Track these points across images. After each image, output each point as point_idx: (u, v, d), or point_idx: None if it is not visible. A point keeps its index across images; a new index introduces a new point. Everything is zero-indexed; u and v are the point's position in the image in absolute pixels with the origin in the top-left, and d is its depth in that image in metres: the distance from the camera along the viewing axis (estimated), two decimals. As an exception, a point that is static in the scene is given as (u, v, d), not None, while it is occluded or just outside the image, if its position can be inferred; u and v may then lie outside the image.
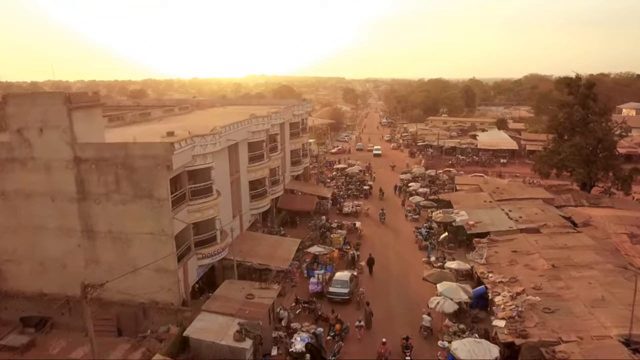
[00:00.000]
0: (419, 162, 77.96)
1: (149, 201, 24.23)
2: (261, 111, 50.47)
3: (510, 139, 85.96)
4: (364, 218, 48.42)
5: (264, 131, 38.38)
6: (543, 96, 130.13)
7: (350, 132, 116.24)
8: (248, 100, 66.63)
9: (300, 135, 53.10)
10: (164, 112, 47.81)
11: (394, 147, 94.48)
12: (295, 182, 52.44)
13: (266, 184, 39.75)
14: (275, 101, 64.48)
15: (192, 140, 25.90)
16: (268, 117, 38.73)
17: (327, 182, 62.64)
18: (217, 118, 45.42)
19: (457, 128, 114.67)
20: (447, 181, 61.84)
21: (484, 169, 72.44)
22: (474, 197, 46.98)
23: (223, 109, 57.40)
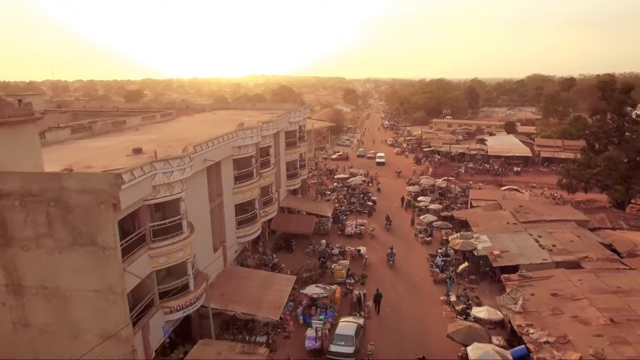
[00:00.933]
0: (425, 170, 71.71)
1: (91, 249, 17.96)
2: (254, 117, 44.61)
3: (522, 144, 79.62)
4: (369, 240, 42.18)
5: (254, 145, 32.07)
6: (551, 98, 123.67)
7: (352, 135, 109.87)
8: (242, 105, 60.44)
9: (297, 144, 46.80)
10: (142, 119, 41.48)
11: (398, 153, 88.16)
12: (292, 198, 46.15)
13: (256, 206, 33.50)
14: (270, 106, 58.23)
15: (151, 166, 19.62)
16: (258, 129, 32.42)
17: (327, 194, 56.40)
18: (203, 127, 39.29)
19: (462, 131, 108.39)
20: (460, 193, 55.60)
21: (497, 178, 66.21)
22: (495, 217, 40.72)
23: (212, 115, 51.12)
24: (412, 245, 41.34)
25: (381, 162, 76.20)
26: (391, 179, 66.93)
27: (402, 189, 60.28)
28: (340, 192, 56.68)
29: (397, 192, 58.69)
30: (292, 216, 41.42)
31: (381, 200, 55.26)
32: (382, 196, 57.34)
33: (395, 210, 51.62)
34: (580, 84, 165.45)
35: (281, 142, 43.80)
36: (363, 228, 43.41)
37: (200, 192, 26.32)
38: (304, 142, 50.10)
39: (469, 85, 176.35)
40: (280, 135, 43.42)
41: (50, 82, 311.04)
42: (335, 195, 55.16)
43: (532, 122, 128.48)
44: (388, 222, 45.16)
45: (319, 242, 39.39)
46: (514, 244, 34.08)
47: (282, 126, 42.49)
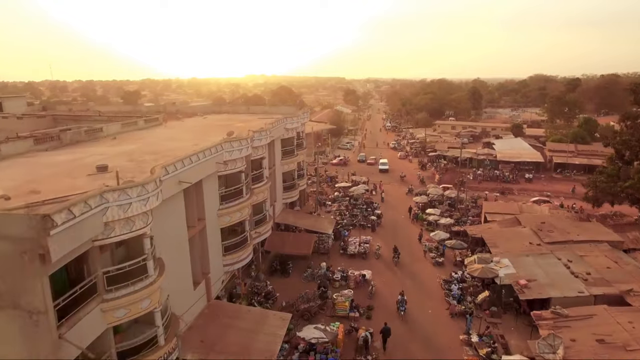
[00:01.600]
0: (431, 176, 67.09)
1: (13, 314, 13.39)
2: (248, 122, 40.27)
3: (532, 149, 74.90)
4: (374, 261, 37.57)
5: (243, 158, 27.42)
6: (557, 99, 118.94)
7: (353, 138, 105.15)
8: (235, 108, 55.85)
9: (294, 153, 42.18)
10: (122, 126, 36.87)
11: (401, 157, 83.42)
12: (289, 212, 41.52)
13: (247, 229, 28.87)
14: (266, 109, 53.59)
15: (101, 198, 15.00)
16: (248, 140, 27.77)
17: (327, 205, 51.78)
18: (188, 135, 34.68)
19: (467, 134, 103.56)
20: (471, 204, 50.98)
21: (507, 186, 61.56)
22: (515, 236, 36.10)
23: (202, 120, 46.50)
24: (422, 266, 36.70)
25: (385, 170, 70.94)
26: (395, 186, 62.29)
27: (408, 197, 55.69)
28: (342, 202, 52.02)
29: (403, 201, 54.12)
30: (289, 235, 36.75)
31: (386, 211, 50.68)
32: (386, 206, 52.74)
33: (402, 223, 47.02)
34: (585, 84, 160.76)
35: (277, 151, 39.19)
36: (367, 246, 38.78)
37: (174, 218, 21.70)
38: (302, 149, 45.50)
39: (472, 86, 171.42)
40: (276, 144, 38.83)
41: (49, 82, 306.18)
42: (336, 206, 50.51)
43: (538, 123, 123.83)
44: (396, 255, 36.93)
45: (318, 265, 34.78)
46: (541, 271, 29.48)
47: (278, 134, 37.89)
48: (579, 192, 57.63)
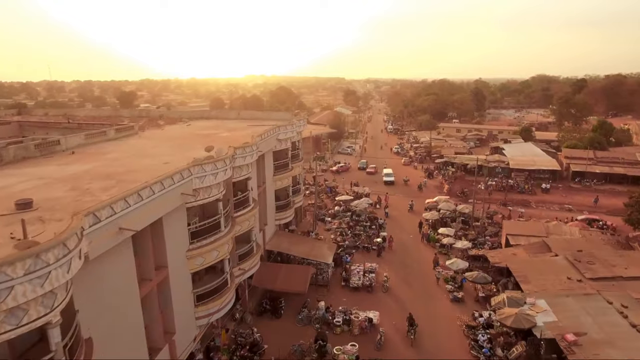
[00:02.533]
0: (440, 186, 61.13)
1: None
2: (236, 131, 34.46)
3: (547, 155, 68.96)
4: (381, 295, 31.64)
5: (220, 184, 21.46)
6: (565, 101, 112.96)
7: (354, 141, 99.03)
8: (225, 114, 49.82)
9: (289, 167, 36.23)
10: (85, 137, 30.90)
11: (406, 163, 77.35)
12: (283, 236, 35.50)
13: (227, 269, 22.94)
14: (259, 114, 47.58)
15: None
16: (227, 160, 21.80)
17: (327, 221, 45.86)
18: (162, 149, 28.74)
19: (474, 137, 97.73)
20: (487, 220, 45.04)
21: (523, 197, 55.62)
22: (548, 267, 30.14)
23: (185, 128, 40.53)
24: (438, 304, 30.73)
25: (390, 182, 62.82)
26: (401, 198, 56.27)
27: (415, 210, 49.72)
28: (343, 218, 46.06)
29: (410, 216, 48.18)
30: (281, 267, 30.69)
31: (392, 228, 44.80)
32: (392, 222, 46.80)
33: (411, 244, 41.06)
34: (591, 85, 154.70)
35: (267, 166, 33.20)
36: (373, 277, 32.81)
37: (116, 277, 15.69)
38: (298, 161, 39.54)
39: (475, 86, 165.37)
40: (267, 158, 32.84)
41: (47, 82, 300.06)
42: (337, 224, 44.56)
43: (546, 126, 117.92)
44: (412, 329, 26.18)
45: (315, 304, 28.84)
46: (590, 320, 23.53)
47: (268, 147, 31.93)
48: (602, 204, 51.91)
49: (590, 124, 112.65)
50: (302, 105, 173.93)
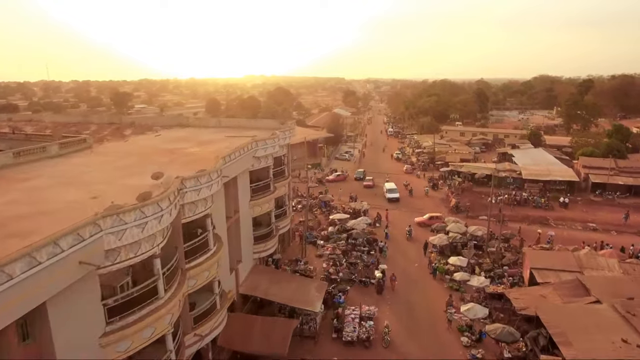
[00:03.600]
0: (446, 199, 54.53)
1: None
2: (209, 145, 28.20)
3: (561, 164, 62.35)
4: (381, 351, 25.17)
5: (152, 237, 14.91)
6: (574, 102, 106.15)
7: (352, 146, 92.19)
8: (204, 122, 43.15)
9: (270, 188, 29.71)
10: (14, 156, 24.48)
11: (408, 171, 70.59)
12: (261, 274, 28.77)
13: (170, 346, 16.44)
14: (242, 122, 41.03)
15: None
16: (170, 197, 15.28)
17: (319, 246, 39.35)
18: (106, 173, 22.36)
19: (479, 142, 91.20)
20: (502, 244, 38.48)
21: (539, 213, 49.02)
22: (591, 320, 23.51)
23: (153, 138, 34.08)
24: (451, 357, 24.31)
25: (394, 199, 53.96)
26: (403, 213, 49.73)
27: (414, 237, 43.11)
28: (338, 241, 39.53)
29: (414, 237, 41.62)
30: (256, 320, 23.97)
31: (394, 254, 38.45)
32: (394, 245, 40.31)
33: (417, 277, 34.47)
34: (599, 86, 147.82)
35: (241, 191, 26.66)
36: (372, 326, 26.30)
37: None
38: (284, 179, 33.04)
39: (478, 87, 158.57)
40: (241, 181, 26.33)
41: (44, 82, 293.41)
42: (330, 248, 38.02)
43: (553, 129, 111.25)
44: None
45: (298, 371, 22.38)
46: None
47: (241, 168, 25.40)
48: (633, 221, 45.37)
49: (600, 127, 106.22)
50: (300, 106, 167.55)
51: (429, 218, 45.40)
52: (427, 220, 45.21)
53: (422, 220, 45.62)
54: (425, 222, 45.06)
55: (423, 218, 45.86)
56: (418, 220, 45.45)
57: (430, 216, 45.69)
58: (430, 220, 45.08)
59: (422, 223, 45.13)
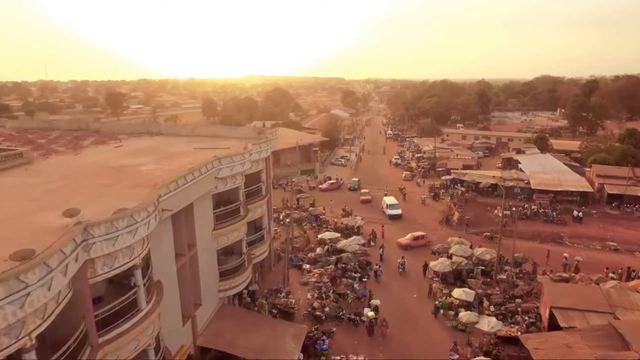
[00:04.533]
0: (448, 211, 49.30)
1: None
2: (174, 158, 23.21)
3: (572, 172, 57.11)
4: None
5: (53, 300, 9.91)
6: (580, 104, 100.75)
7: (349, 150, 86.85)
8: (176, 130, 37.84)
9: (240, 213, 24.57)
10: None
11: (407, 178, 65.32)
12: (227, 319, 23.46)
13: None
14: (218, 131, 35.86)
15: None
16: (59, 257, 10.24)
17: (305, 271, 34.22)
18: (21, 202, 17.34)
19: (482, 146, 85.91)
20: (513, 270, 33.31)
21: (551, 228, 43.85)
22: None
23: (112, 151, 28.98)
24: None
25: (396, 216, 47.25)
26: (401, 228, 44.58)
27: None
28: (326, 266, 34.38)
29: (412, 259, 36.49)
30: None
31: (390, 280, 33.43)
32: (389, 269, 35.25)
33: (415, 311, 29.36)
34: (604, 86, 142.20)
35: (200, 220, 21.48)
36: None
37: None
38: (261, 199, 27.91)
39: (479, 88, 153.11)
40: (199, 207, 21.20)
41: (42, 82, 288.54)
42: (316, 275, 32.88)
43: (558, 132, 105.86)
44: None
45: None
46: None
47: (198, 193, 20.24)
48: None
49: (607, 129, 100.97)
50: (298, 107, 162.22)
51: (413, 239, 39.59)
52: (412, 241, 39.40)
53: (406, 242, 39.52)
54: (409, 244, 39.22)
55: (406, 239, 39.81)
56: (401, 242, 39.64)
57: (415, 236, 39.81)
58: (415, 241, 39.40)
59: (408, 245, 39.16)
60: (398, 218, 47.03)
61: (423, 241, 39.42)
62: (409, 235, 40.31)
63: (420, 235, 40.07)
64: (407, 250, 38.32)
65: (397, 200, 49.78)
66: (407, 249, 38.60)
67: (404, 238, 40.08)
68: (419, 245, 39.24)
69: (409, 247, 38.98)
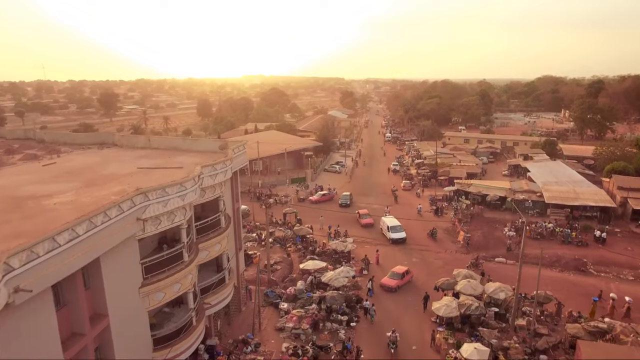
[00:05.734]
0: (452, 230, 43.13)
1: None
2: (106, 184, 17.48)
3: (588, 182, 50.86)
4: None
5: None
6: (588, 106, 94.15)
7: (345, 154, 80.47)
8: (133, 142, 31.33)
9: (186, 259, 18.37)
10: None
11: (406, 188, 59.01)
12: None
13: None
14: (179, 143, 29.52)
15: None
16: None
17: (281, 312, 27.99)
18: None
19: (486, 151, 79.52)
20: (533, 312, 27.06)
21: (572, 251, 37.57)
22: None
23: (38, 169, 22.78)
24: None
25: (400, 239, 39.60)
26: (398, 250, 38.52)
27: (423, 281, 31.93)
28: (308, 304, 28.19)
29: (408, 298, 30.31)
30: None
31: (383, 320, 27.26)
32: (382, 307, 29.08)
33: None
34: (610, 87, 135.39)
35: (118, 277, 15.30)
36: None
37: None
38: (218, 234, 21.69)
39: (481, 88, 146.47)
40: (115, 261, 14.97)
41: (37, 82, 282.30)
42: (295, 319, 26.67)
43: (565, 134, 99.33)
44: None
45: None
46: None
47: (103, 247, 14.01)
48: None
49: (617, 132, 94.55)
50: (295, 108, 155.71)
51: (401, 277, 31.49)
52: (400, 281, 31.32)
53: (394, 283, 31.08)
54: (399, 285, 31.13)
55: (393, 279, 31.41)
56: (388, 284, 31.22)
57: (402, 273, 31.68)
58: (404, 279, 31.56)
59: (397, 287, 31.05)
60: (402, 242, 39.73)
61: (409, 276, 32.26)
62: (391, 272, 32.04)
63: (405, 270, 32.24)
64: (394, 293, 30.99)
65: (399, 222, 41.50)
66: (395, 291, 31.00)
67: (388, 277, 31.74)
68: (407, 281, 32.06)
69: (398, 288, 31.12)
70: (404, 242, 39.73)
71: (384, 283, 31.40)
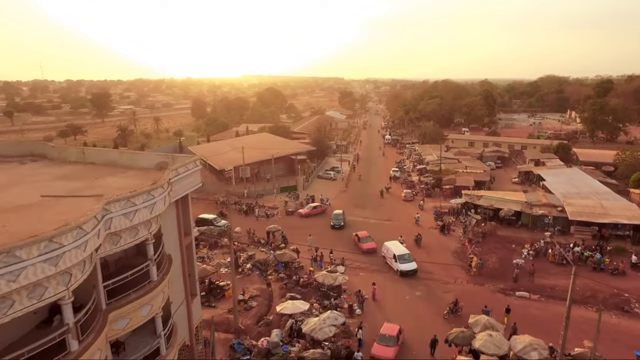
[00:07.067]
0: (462, 253, 36.49)
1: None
2: None
3: (614, 194, 44.22)
4: None
5: None
6: (600, 107, 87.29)
7: (341, 158, 73.58)
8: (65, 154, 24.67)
9: (68, 349, 11.76)
10: None
11: (407, 198, 52.30)
12: None
13: None
14: (116, 157, 22.75)
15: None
16: None
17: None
18: None
19: (493, 155, 72.75)
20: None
21: (614, 284, 30.88)
22: None
23: None
24: None
25: (411, 271, 31.85)
26: (397, 281, 31.85)
27: (424, 322, 25.27)
28: None
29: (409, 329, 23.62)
30: None
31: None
32: None
33: None
34: (619, 87, 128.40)
35: None
36: None
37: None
38: (147, 292, 15.02)
39: (484, 89, 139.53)
40: None
41: (33, 82, 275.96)
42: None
43: (575, 137, 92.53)
44: None
45: None
46: None
47: None
48: None
49: (630, 134, 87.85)
50: (292, 108, 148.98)
51: (395, 344, 22.98)
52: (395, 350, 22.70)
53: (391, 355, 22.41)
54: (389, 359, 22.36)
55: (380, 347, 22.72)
56: (380, 356, 22.41)
57: (396, 335, 23.32)
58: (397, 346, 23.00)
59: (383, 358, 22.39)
60: (413, 274, 31.92)
61: (402, 336, 24.13)
62: (380, 336, 23.32)
63: (398, 330, 23.83)
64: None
65: (407, 250, 33.78)
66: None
67: (379, 344, 22.85)
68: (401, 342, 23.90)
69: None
70: (415, 273, 32.06)
71: (376, 355, 22.53)
